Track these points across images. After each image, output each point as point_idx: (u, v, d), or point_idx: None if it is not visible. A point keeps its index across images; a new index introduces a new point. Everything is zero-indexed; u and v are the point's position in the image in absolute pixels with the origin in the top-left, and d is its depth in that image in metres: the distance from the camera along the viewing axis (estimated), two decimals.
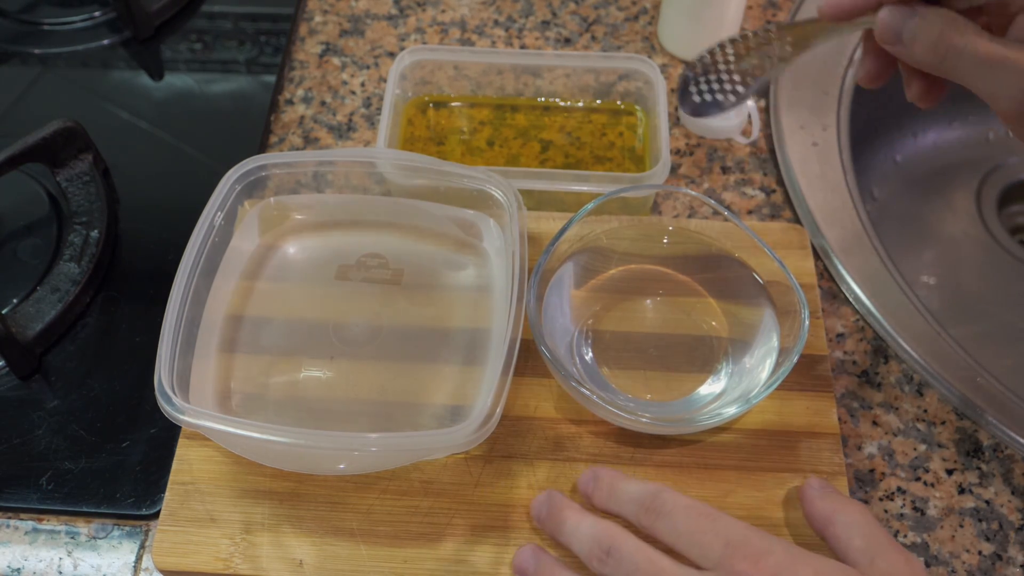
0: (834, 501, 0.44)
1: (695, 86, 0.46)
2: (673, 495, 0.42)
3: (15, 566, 0.50)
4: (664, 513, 0.41)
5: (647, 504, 0.42)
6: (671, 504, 0.41)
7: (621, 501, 0.43)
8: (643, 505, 0.42)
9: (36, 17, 0.75)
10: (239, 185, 0.54)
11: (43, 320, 0.56)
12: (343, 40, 0.73)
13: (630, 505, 0.43)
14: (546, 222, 0.58)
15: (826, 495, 0.44)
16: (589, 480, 0.46)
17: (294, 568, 0.47)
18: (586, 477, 0.46)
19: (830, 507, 0.44)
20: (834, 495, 0.45)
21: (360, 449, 0.45)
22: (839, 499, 0.44)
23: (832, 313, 0.58)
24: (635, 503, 0.42)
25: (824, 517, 0.43)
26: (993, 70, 0.40)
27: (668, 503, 0.41)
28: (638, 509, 0.42)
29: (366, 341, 0.53)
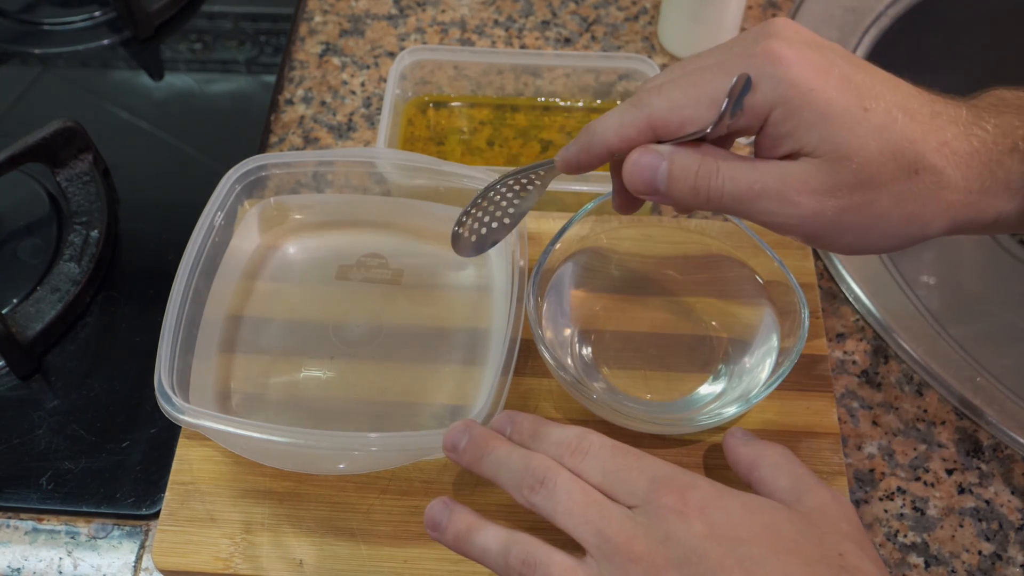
0: (757, 446, 0.44)
1: (461, 226, 0.47)
2: (598, 436, 0.41)
3: (15, 566, 0.50)
4: (591, 453, 0.40)
5: (572, 446, 0.40)
6: (597, 444, 0.40)
7: (545, 443, 0.41)
8: (568, 446, 0.41)
9: (36, 17, 0.75)
10: (239, 185, 0.54)
11: (43, 320, 0.56)
12: (343, 40, 0.73)
13: (555, 447, 0.41)
14: (546, 222, 0.58)
15: (748, 441, 0.44)
16: (506, 422, 0.43)
17: (294, 568, 0.47)
18: (501, 420, 0.44)
19: (753, 452, 0.43)
20: (756, 441, 0.44)
21: (360, 449, 0.45)
22: (762, 443, 0.44)
23: (832, 313, 0.58)
24: (560, 445, 0.41)
25: (749, 462, 0.43)
26: (757, 202, 0.40)
27: (595, 444, 0.40)
28: (563, 451, 0.41)
29: (366, 341, 0.53)
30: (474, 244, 0.47)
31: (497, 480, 0.41)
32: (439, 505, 0.42)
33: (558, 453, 0.41)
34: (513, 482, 0.41)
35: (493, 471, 0.41)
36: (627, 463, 0.40)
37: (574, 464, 0.40)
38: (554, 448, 0.41)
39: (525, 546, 0.39)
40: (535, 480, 0.40)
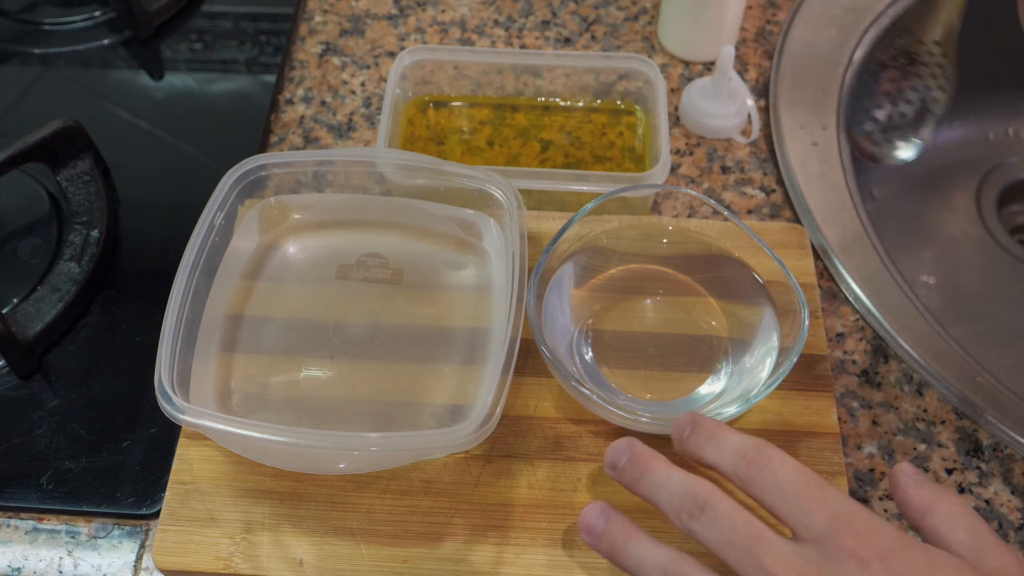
0: (931, 490, 0.40)
1: None
2: (781, 452, 0.38)
3: (15, 566, 0.50)
4: (769, 468, 0.37)
5: (750, 456, 0.38)
6: (779, 460, 0.38)
7: (721, 449, 0.39)
8: (745, 456, 0.38)
9: (36, 17, 0.75)
10: (239, 185, 0.54)
11: (43, 320, 0.56)
12: (343, 40, 0.73)
13: (730, 455, 0.39)
14: (546, 222, 0.58)
15: (921, 483, 0.41)
16: (687, 423, 0.41)
17: (294, 568, 0.47)
18: (683, 420, 0.42)
19: (928, 496, 0.40)
20: (930, 484, 0.41)
21: (360, 449, 0.45)
22: (936, 488, 0.41)
23: (832, 313, 0.58)
24: (737, 453, 0.38)
25: (922, 507, 0.40)
26: None
27: (776, 459, 0.38)
28: (739, 460, 0.38)
29: (366, 341, 0.53)
30: None
31: (655, 502, 0.40)
32: (596, 510, 0.41)
33: (734, 461, 0.39)
34: (672, 507, 0.39)
35: (651, 493, 0.40)
36: (808, 491, 0.37)
37: (749, 475, 0.38)
38: (730, 455, 0.39)
39: (682, 565, 0.37)
40: (695, 506, 0.38)
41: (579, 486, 0.49)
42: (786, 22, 0.72)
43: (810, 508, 0.36)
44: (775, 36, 0.73)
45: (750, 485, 0.38)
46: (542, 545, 0.47)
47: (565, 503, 0.48)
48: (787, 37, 0.71)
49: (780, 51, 0.70)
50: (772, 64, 0.70)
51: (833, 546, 0.35)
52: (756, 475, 0.38)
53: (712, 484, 0.38)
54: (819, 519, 0.36)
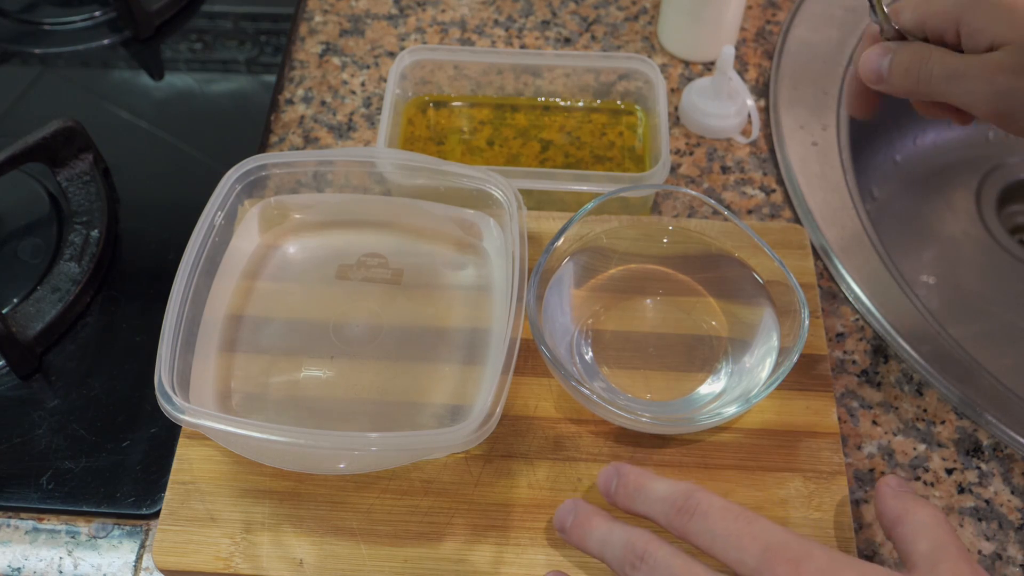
0: (906, 500, 0.42)
1: None
2: (707, 495, 0.39)
3: (15, 565, 0.50)
4: (698, 513, 0.39)
5: (679, 504, 0.39)
6: (705, 504, 0.39)
7: (649, 500, 0.41)
8: (674, 505, 0.40)
9: (36, 17, 0.75)
10: (239, 185, 0.54)
11: (43, 319, 0.56)
12: (343, 40, 0.73)
13: (659, 504, 0.40)
14: (546, 222, 0.58)
15: (900, 494, 0.42)
16: (611, 476, 0.43)
17: (294, 567, 0.47)
18: (607, 474, 0.43)
19: (901, 506, 0.42)
20: (908, 495, 0.42)
21: (360, 449, 0.45)
22: (912, 499, 0.42)
23: (832, 313, 0.58)
24: (665, 503, 0.40)
25: (894, 516, 0.41)
26: (960, 81, 0.45)
27: (703, 503, 0.39)
28: (668, 509, 0.40)
29: (366, 341, 0.53)
30: None
31: (604, 559, 0.41)
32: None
33: (664, 511, 0.40)
34: (616, 560, 0.40)
35: (598, 550, 0.41)
36: (738, 528, 0.38)
37: (681, 525, 0.39)
38: (659, 505, 0.40)
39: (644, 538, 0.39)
40: (635, 556, 0.39)
41: (579, 486, 0.49)
42: (786, 22, 0.72)
43: (741, 544, 0.38)
44: (775, 36, 0.73)
45: (683, 532, 0.39)
46: (542, 545, 0.47)
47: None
48: (787, 37, 0.71)
49: (780, 51, 0.70)
50: (772, 64, 0.70)
51: (767, 573, 0.37)
52: (687, 522, 0.39)
53: (651, 534, 0.40)
54: (751, 553, 0.37)
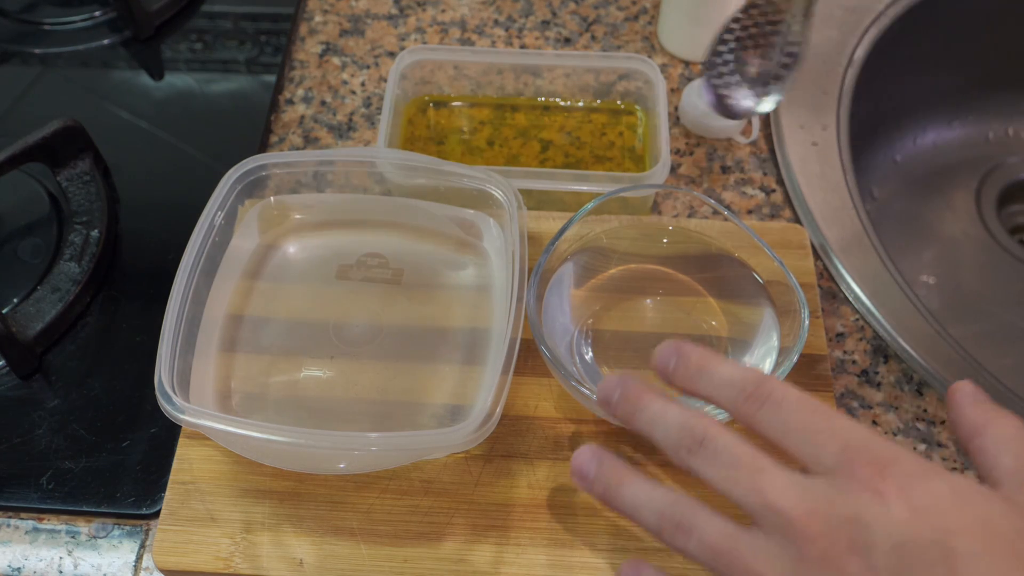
0: (987, 410, 0.37)
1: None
2: (781, 383, 0.35)
3: (15, 565, 0.50)
4: (771, 402, 0.34)
5: (749, 390, 0.35)
6: (780, 393, 0.35)
7: (714, 382, 0.36)
8: (744, 390, 0.35)
9: (36, 17, 0.75)
10: (239, 185, 0.54)
11: (43, 319, 0.56)
12: (343, 40, 0.73)
13: (726, 388, 0.36)
14: (546, 222, 0.58)
15: (979, 402, 0.37)
16: (670, 354, 0.38)
17: (294, 567, 0.47)
18: (666, 351, 0.38)
19: (982, 416, 0.37)
20: (988, 403, 0.37)
21: (360, 449, 0.45)
22: (994, 409, 0.37)
23: (832, 313, 0.58)
24: (733, 387, 0.35)
25: (972, 426, 0.36)
26: None
27: (776, 391, 0.35)
28: (736, 394, 0.35)
29: (366, 341, 0.53)
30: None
31: (652, 438, 0.37)
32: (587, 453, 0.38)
33: (731, 395, 0.36)
34: (669, 442, 0.36)
35: (648, 428, 0.37)
36: (815, 423, 0.34)
37: (749, 412, 0.35)
38: (726, 389, 0.36)
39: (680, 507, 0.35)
40: (693, 440, 0.35)
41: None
42: None
43: (818, 439, 0.33)
44: None
45: (750, 421, 0.35)
46: (542, 545, 0.47)
47: (565, 503, 0.48)
48: None
49: None
50: None
51: (846, 478, 0.32)
52: (756, 410, 0.35)
53: (712, 420, 0.36)
54: (828, 450, 0.33)
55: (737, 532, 0.33)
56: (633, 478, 0.37)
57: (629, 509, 0.36)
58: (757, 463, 0.34)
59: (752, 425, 0.35)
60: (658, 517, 0.35)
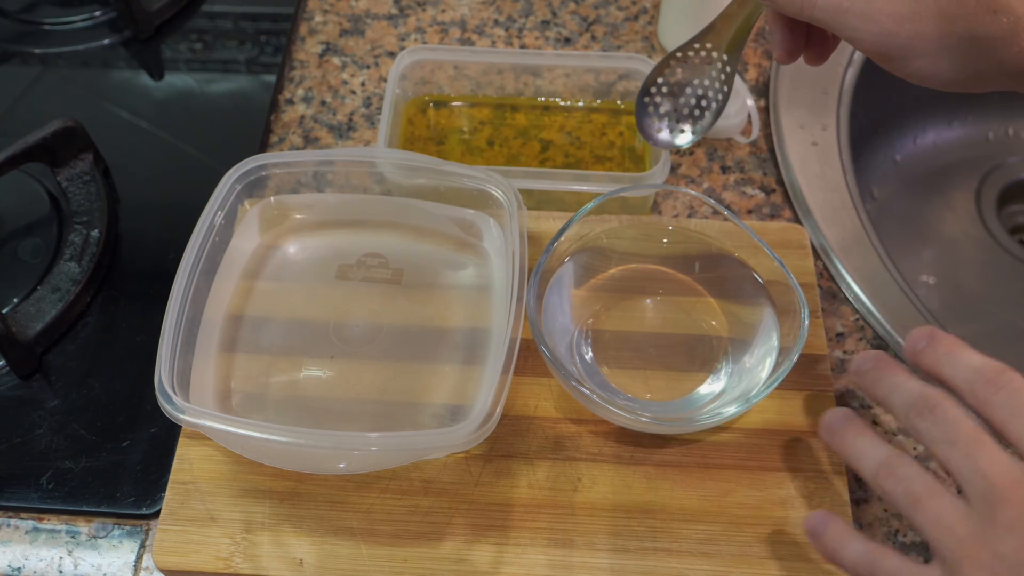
0: None
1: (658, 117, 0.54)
2: (1021, 377, 0.37)
3: (16, 565, 0.50)
4: (1008, 389, 0.37)
5: (990, 376, 0.38)
6: (1019, 383, 0.37)
7: (958, 366, 0.39)
8: (984, 376, 0.38)
9: (36, 17, 0.75)
10: (239, 185, 0.54)
11: (44, 319, 0.56)
12: (343, 40, 0.73)
13: (967, 372, 0.38)
14: (546, 222, 0.58)
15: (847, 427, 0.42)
16: (923, 337, 0.41)
17: (294, 567, 0.47)
18: (920, 333, 0.41)
19: None
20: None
21: (360, 448, 0.45)
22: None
23: (832, 312, 0.58)
24: (975, 371, 0.38)
25: None
26: (843, 17, 0.44)
27: (1016, 381, 0.37)
28: (976, 378, 0.38)
29: (366, 341, 0.53)
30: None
31: (888, 403, 0.41)
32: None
33: (970, 378, 0.38)
34: (903, 406, 0.39)
35: (886, 393, 0.41)
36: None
37: (985, 395, 0.38)
38: (967, 372, 0.39)
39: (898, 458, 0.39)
40: (925, 406, 0.38)
41: (579, 486, 0.49)
42: None
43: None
44: None
45: (984, 403, 0.38)
46: (542, 545, 0.47)
47: (565, 503, 0.48)
48: None
49: None
50: (772, 64, 0.70)
51: None
52: (992, 394, 0.37)
53: (947, 396, 0.39)
54: None
55: (941, 488, 0.37)
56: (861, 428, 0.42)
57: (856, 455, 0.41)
58: (977, 436, 0.37)
59: (985, 407, 0.37)
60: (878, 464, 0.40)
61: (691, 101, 0.54)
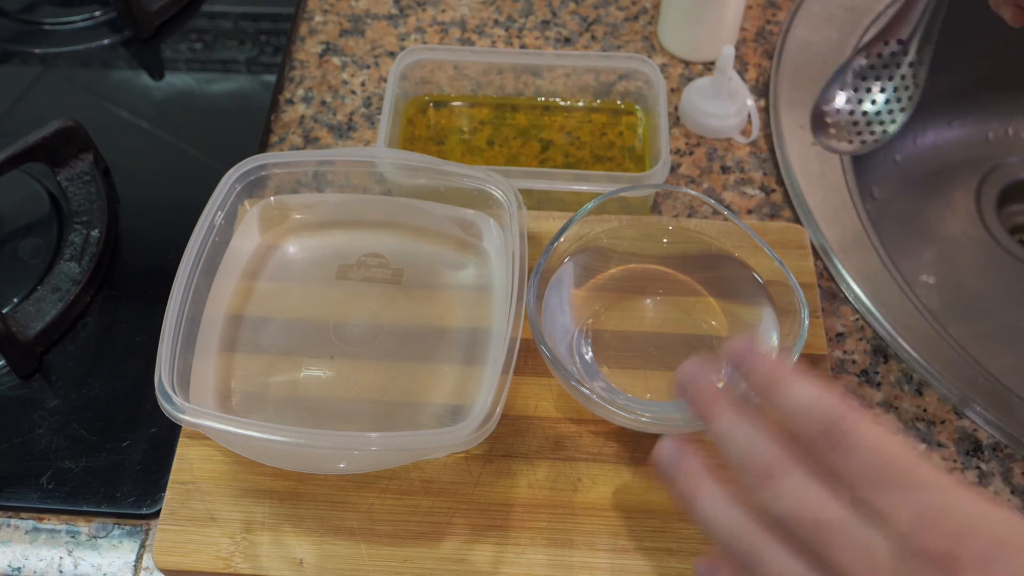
0: None
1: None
2: (858, 419, 0.32)
3: (16, 565, 0.50)
4: (845, 446, 0.32)
5: (825, 424, 0.32)
6: (854, 436, 0.32)
7: (790, 408, 0.33)
8: (820, 422, 0.33)
9: (36, 17, 0.75)
10: (239, 185, 0.54)
11: (44, 319, 0.56)
12: (343, 40, 0.73)
13: (801, 417, 0.33)
14: (546, 222, 0.58)
15: None
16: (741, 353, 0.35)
17: (294, 567, 0.47)
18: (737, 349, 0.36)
19: None
20: None
21: (360, 448, 0.45)
22: None
23: (831, 313, 0.58)
24: (808, 416, 0.33)
25: None
26: None
27: (851, 433, 0.32)
28: (811, 426, 0.33)
29: (366, 341, 0.53)
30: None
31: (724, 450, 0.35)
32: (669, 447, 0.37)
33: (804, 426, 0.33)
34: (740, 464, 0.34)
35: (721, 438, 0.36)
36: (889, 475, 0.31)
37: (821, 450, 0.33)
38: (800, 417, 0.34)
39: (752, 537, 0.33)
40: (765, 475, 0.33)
41: (579, 486, 0.49)
42: (786, 22, 0.72)
43: (892, 500, 0.31)
44: (775, 36, 0.73)
45: (822, 459, 0.33)
46: (542, 545, 0.47)
47: (565, 503, 0.48)
48: (787, 37, 0.71)
49: (780, 51, 0.70)
50: (772, 64, 0.70)
51: (916, 556, 0.30)
52: (828, 451, 0.32)
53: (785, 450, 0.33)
54: (902, 516, 0.30)
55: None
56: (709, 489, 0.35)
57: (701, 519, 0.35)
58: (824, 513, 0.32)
59: (823, 463, 0.33)
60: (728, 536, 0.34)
61: (876, 107, 0.49)
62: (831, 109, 0.48)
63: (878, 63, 0.47)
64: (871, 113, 0.48)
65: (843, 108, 0.48)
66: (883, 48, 0.47)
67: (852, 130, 0.48)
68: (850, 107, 0.48)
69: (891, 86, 0.47)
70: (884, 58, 0.47)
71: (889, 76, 0.47)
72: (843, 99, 0.48)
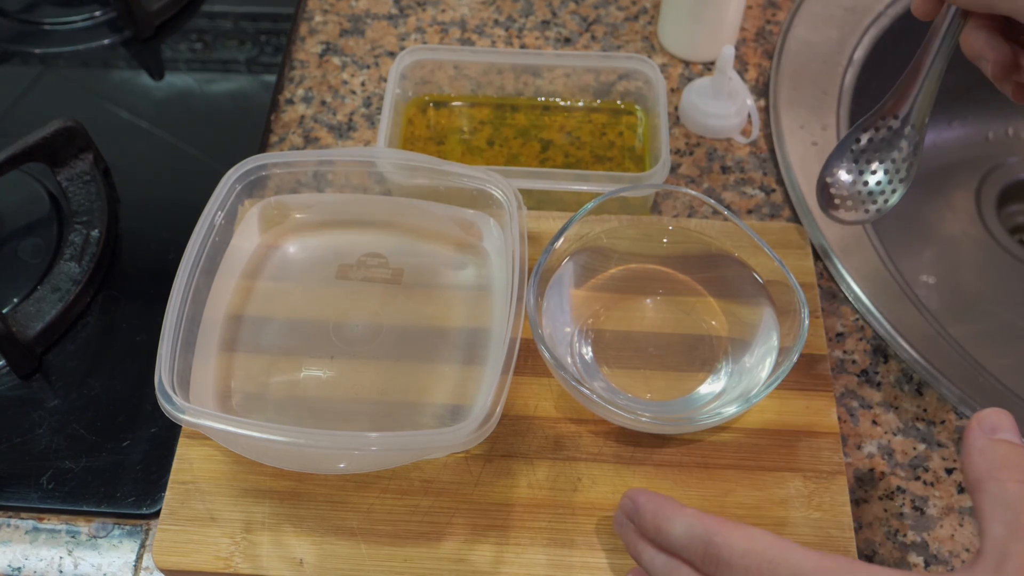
0: (992, 456, 0.36)
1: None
2: (727, 539, 0.38)
3: (16, 565, 0.50)
4: (721, 564, 0.38)
5: (701, 553, 0.39)
6: (726, 553, 0.37)
7: (672, 544, 0.40)
8: (697, 553, 0.39)
9: (36, 17, 0.75)
10: (239, 184, 0.54)
11: (44, 319, 0.56)
12: (343, 40, 0.73)
13: (683, 552, 0.40)
14: (546, 222, 0.58)
15: (988, 445, 0.36)
16: (631, 511, 0.43)
17: (294, 567, 0.47)
18: (627, 507, 0.43)
19: (983, 465, 0.36)
20: (998, 445, 0.36)
21: (360, 448, 0.45)
22: (1001, 453, 0.36)
23: (832, 312, 0.58)
24: (687, 550, 0.39)
25: (975, 478, 0.36)
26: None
27: (723, 552, 0.38)
28: (693, 556, 0.39)
29: (366, 340, 0.53)
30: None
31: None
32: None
33: (690, 558, 0.39)
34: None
35: (646, 566, 0.42)
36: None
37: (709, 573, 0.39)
38: (683, 553, 0.40)
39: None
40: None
41: (579, 486, 0.49)
42: (786, 22, 0.72)
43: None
44: (775, 36, 0.73)
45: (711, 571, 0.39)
46: (542, 545, 0.47)
47: (565, 503, 0.48)
48: (787, 37, 0.71)
49: (780, 51, 0.70)
50: (772, 64, 0.70)
51: None
52: (714, 566, 0.38)
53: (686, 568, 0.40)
54: None
55: None
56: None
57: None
58: None
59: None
60: None
61: (877, 181, 0.51)
62: (835, 182, 0.52)
63: (876, 137, 0.50)
64: (872, 185, 0.51)
65: (846, 181, 0.52)
66: (882, 123, 0.50)
67: (856, 201, 0.52)
68: (852, 179, 0.52)
69: (890, 158, 0.51)
70: (883, 133, 0.50)
71: (888, 151, 0.51)
72: (846, 174, 0.52)
